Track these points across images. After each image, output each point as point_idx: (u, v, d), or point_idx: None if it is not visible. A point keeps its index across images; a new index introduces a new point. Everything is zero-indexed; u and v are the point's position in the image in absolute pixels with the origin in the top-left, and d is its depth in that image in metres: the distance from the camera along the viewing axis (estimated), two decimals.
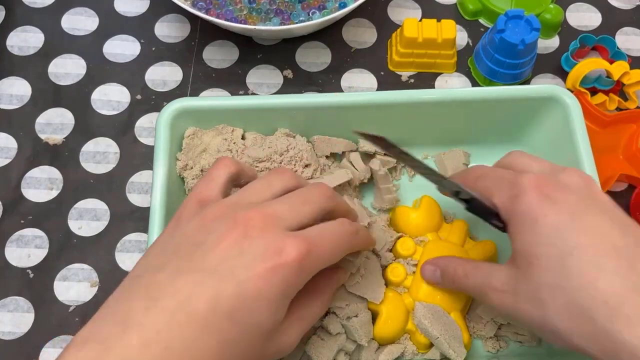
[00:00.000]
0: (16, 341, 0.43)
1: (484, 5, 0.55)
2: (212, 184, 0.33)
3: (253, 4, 0.54)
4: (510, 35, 0.48)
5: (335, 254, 0.32)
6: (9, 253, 0.46)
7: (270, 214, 0.30)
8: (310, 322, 0.33)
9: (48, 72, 0.53)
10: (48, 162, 0.49)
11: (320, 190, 0.33)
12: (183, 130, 0.43)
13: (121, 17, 0.56)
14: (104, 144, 0.50)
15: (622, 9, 0.57)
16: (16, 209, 0.47)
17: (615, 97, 0.51)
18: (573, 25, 0.56)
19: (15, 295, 0.44)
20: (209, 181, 0.34)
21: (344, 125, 0.45)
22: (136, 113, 0.51)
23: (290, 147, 0.43)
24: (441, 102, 0.44)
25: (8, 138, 0.50)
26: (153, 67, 0.53)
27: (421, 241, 0.42)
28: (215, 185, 0.33)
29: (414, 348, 0.41)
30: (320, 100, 0.43)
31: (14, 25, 0.55)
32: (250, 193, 0.32)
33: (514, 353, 0.42)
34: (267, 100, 0.44)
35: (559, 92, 0.43)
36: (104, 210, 0.47)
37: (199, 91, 0.52)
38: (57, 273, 0.45)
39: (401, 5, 0.57)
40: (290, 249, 0.28)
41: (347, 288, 0.39)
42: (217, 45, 0.54)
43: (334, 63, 0.54)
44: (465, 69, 0.54)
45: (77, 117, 0.51)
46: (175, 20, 0.55)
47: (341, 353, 0.39)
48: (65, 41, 0.54)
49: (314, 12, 0.54)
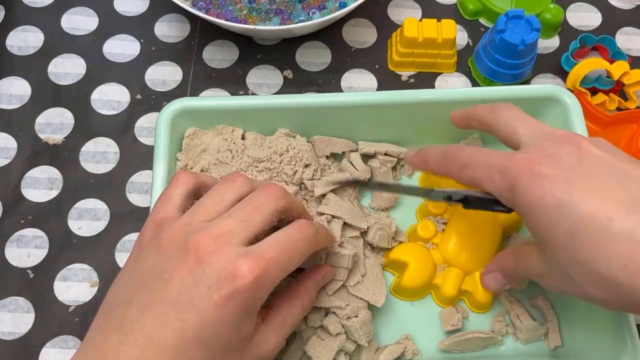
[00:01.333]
0: (16, 341, 0.43)
1: (484, 5, 0.55)
2: (169, 204, 0.33)
3: (253, 4, 0.54)
4: (511, 36, 0.48)
5: (295, 261, 0.32)
6: (9, 253, 0.46)
7: (220, 234, 0.30)
8: (293, 325, 0.34)
9: (48, 72, 0.53)
10: (48, 162, 0.49)
11: (270, 192, 0.32)
12: (183, 130, 0.43)
13: (121, 16, 0.56)
14: (103, 144, 0.50)
15: (622, 9, 0.57)
16: (16, 209, 0.47)
17: (615, 97, 0.51)
18: (573, 25, 0.56)
19: (15, 295, 0.44)
20: (166, 201, 0.34)
21: (344, 125, 0.45)
22: (136, 113, 0.51)
23: (290, 147, 0.43)
24: (441, 102, 0.44)
25: (8, 138, 0.50)
26: (153, 67, 0.53)
27: None
28: (172, 205, 0.33)
29: (414, 348, 0.41)
30: (320, 100, 0.43)
31: (13, 25, 0.55)
32: (203, 210, 0.32)
33: (515, 352, 0.42)
34: (267, 100, 0.44)
35: (559, 92, 0.43)
36: (104, 210, 0.47)
37: (199, 91, 0.52)
38: (57, 273, 0.45)
39: (401, 5, 0.57)
40: (244, 271, 0.29)
41: (349, 289, 0.39)
42: (217, 45, 0.54)
43: (334, 63, 0.54)
44: (465, 69, 0.54)
45: (77, 117, 0.51)
46: (175, 20, 0.55)
47: (341, 353, 0.39)
48: (65, 41, 0.54)
49: (314, 12, 0.54)
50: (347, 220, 0.41)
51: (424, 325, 0.42)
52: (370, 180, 0.39)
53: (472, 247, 0.42)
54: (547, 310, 0.42)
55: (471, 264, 0.42)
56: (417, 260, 0.42)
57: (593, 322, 0.40)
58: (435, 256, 0.42)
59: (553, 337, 0.41)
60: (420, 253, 0.42)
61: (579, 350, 0.41)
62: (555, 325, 0.41)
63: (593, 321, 0.40)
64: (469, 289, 0.42)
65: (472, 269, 0.42)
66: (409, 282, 0.41)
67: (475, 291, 0.41)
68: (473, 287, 0.42)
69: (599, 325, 0.39)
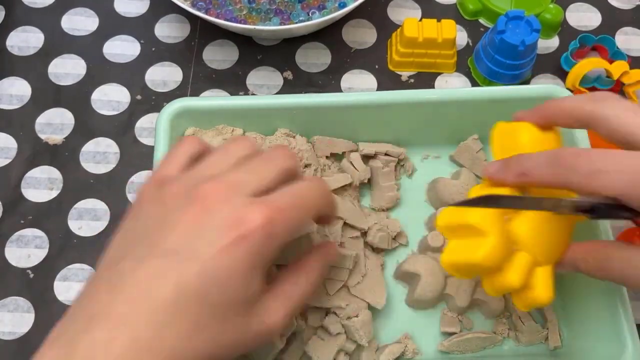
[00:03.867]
0: (16, 341, 0.43)
1: (484, 5, 0.55)
2: (173, 162, 0.31)
3: (253, 4, 0.54)
4: (511, 36, 0.48)
5: (304, 218, 0.30)
6: (9, 253, 0.46)
7: (230, 182, 0.28)
8: (297, 301, 0.31)
9: (48, 72, 0.53)
10: (48, 162, 0.49)
11: (279, 151, 0.31)
12: (183, 130, 0.43)
13: (121, 17, 0.56)
14: (104, 144, 0.50)
15: (622, 9, 0.57)
16: (16, 209, 0.47)
17: None
18: (573, 25, 0.56)
19: (15, 295, 0.44)
20: (170, 159, 0.32)
21: (344, 125, 0.45)
22: (136, 113, 0.51)
23: (290, 147, 0.43)
24: (441, 102, 0.44)
25: (8, 138, 0.50)
26: (153, 68, 0.53)
27: None
28: (177, 163, 0.31)
29: (414, 347, 0.41)
30: (320, 100, 0.43)
31: (14, 25, 0.55)
32: (208, 165, 0.30)
33: (516, 352, 0.42)
34: (267, 100, 0.44)
35: (559, 92, 0.43)
36: (104, 210, 0.47)
37: (199, 92, 0.52)
38: (57, 273, 0.45)
39: (401, 5, 0.57)
40: (252, 217, 0.26)
41: (349, 289, 0.39)
42: (217, 45, 0.54)
43: (334, 63, 0.54)
44: (465, 69, 0.54)
45: (77, 117, 0.51)
46: (175, 21, 0.55)
47: (341, 353, 0.39)
48: (65, 41, 0.54)
49: (313, 12, 0.54)
50: (347, 221, 0.41)
51: (424, 325, 0.42)
52: (491, 197, 0.32)
53: (549, 233, 0.34)
54: (547, 311, 0.42)
55: (545, 252, 0.34)
56: (497, 235, 0.33)
57: (593, 322, 0.40)
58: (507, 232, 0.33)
59: (553, 338, 0.41)
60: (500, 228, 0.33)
61: (579, 351, 0.41)
62: (555, 325, 0.41)
63: (593, 321, 0.40)
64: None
65: (543, 260, 0.34)
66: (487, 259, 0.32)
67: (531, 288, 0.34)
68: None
69: (599, 325, 0.39)
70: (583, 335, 0.41)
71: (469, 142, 0.47)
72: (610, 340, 0.38)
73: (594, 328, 0.39)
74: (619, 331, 0.37)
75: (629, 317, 0.37)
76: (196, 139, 0.33)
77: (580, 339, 0.41)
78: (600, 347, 0.39)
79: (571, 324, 0.42)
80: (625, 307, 0.37)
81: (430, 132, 0.47)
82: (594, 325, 0.40)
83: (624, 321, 0.37)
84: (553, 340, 0.41)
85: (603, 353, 0.38)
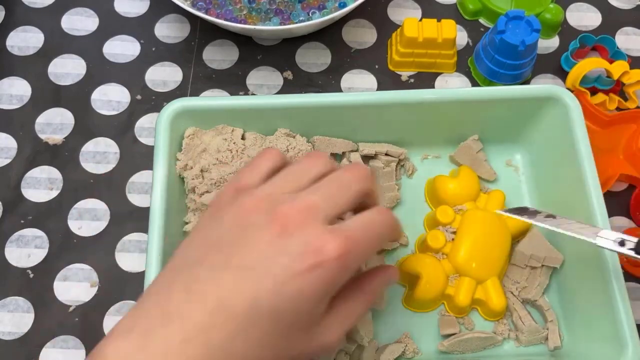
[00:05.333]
0: (16, 341, 0.43)
1: (484, 5, 0.55)
2: (254, 172, 0.32)
3: (253, 4, 0.54)
4: (511, 37, 0.48)
5: (376, 247, 0.31)
6: (9, 253, 0.46)
7: (307, 207, 0.29)
8: (353, 321, 0.32)
9: (48, 72, 0.53)
10: (48, 162, 0.49)
11: (355, 173, 0.31)
12: (183, 130, 0.43)
13: (121, 17, 0.56)
14: (104, 144, 0.50)
15: (622, 9, 0.57)
16: (16, 209, 0.47)
17: (615, 97, 0.51)
18: (573, 25, 0.56)
19: (15, 295, 0.44)
20: (251, 169, 0.32)
21: (344, 125, 0.45)
22: (136, 113, 0.51)
23: (290, 147, 0.43)
24: (441, 102, 0.44)
25: (8, 138, 0.50)
26: (153, 68, 0.53)
27: (459, 210, 0.44)
28: (258, 174, 0.32)
29: (414, 347, 0.41)
30: (320, 100, 0.43)
31: (13, 25, 0.55)
32: (286, 182, 0.31)
33: (516, 352, 0.42)
34: (267, 100, 0.44)
35: (559, 92, 0.43)
36: (104, 210, 0.47)
37: (199, 92, 0.52)
38: (57, 273, 0.45)
39: (401, 5, 0.57)
40: (330, 247, 0.27)
41: None
42: (217, 45, 0.54)
43: (334, 64, 0.54)
44: (465, 69, 0.54)
45: (77, 117, 0.51)
46: (175, 21, 0.55)
47: (341, 353, 0.39)
48: (65, 41, 0.54)
49: (313, 12, 0.54)
50: None
51: (424, 325, 0.42)
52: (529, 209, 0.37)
53: (483, 255, 0.42)
54: (547, 311, 0.42)
55: (483, 272, 0.41)
56: (429, 271, 0.41)
57: (593, 322, 0.40)
58: (446, 266, 0.42)
59: (553, 338, 0.41)
60: (431, 264, 0.41)
61: (579, 351, 0.41)
62: (555, 325, 0.41)
63: (593, 321, 0.40)
64: (482, 297, 0.41)
65: (484, 277, 0.41)
66: (422, 294, 0.41)
67: (488, 299, 0.41)
68: (486, 295, 0.41)
69: (599, 325, 0.39)
70: (583, 335, 0.41)
71: (469, 142, 0.47)
72: (610, 340, 0.38)
73: (594, 328, 0.39)
74: (619, 331, 0.37)
75: (629, 317, 0.37)
76: (277, 152, 0.33)
77: (580, 339, 0.41)
78: (600, 347, 0.39)
79: (571, 324, 0.42)
80: (626, 307, 0.37)
81: (430, 132, 0.47)
82: (594, 325, 0.40)
83: (624, 321, 0.37)
84: (553, 340, 0.41)
85: (603, 353, 0.38)
